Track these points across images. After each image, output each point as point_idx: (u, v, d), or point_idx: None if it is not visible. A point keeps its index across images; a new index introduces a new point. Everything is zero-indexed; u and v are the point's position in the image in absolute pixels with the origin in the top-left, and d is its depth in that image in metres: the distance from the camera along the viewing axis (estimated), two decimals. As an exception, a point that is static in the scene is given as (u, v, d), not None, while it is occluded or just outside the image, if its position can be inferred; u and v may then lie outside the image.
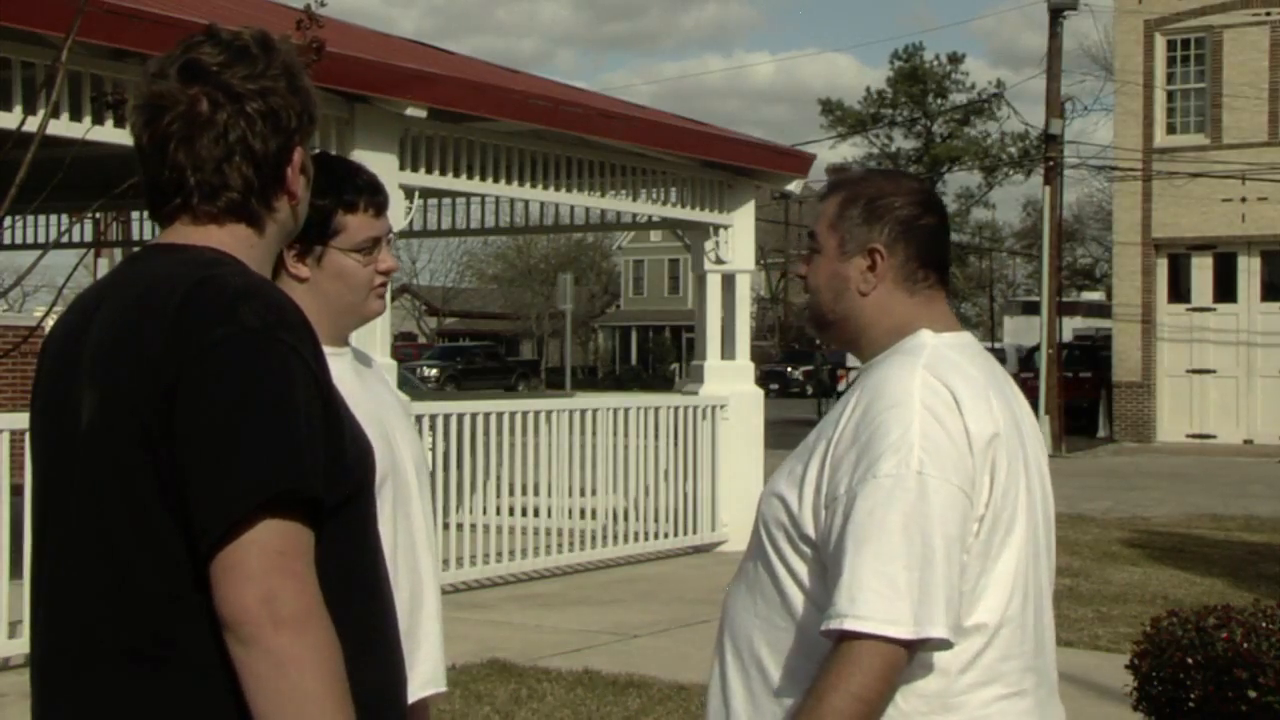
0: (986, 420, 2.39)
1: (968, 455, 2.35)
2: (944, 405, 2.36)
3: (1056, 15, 28.11)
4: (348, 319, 2.92)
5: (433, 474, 9.35)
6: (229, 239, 2.09)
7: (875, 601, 2.24)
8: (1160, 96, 28.58)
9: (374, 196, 2.90)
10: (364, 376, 3.00)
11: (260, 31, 2.16)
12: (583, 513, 12.16)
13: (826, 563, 2.34)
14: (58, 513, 2.05)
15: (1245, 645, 5.42)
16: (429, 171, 10.58)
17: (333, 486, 1.98)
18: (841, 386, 35.75)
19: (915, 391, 2.36)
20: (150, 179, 2.10)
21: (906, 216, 2.53)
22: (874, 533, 2.27)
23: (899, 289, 2.54)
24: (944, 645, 2.30)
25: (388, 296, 3.10)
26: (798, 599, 2.40)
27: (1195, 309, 28.44)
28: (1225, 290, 28.30)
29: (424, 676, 3.00)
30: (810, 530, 2.38)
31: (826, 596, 2.33)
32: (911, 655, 2.28)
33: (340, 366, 2.86)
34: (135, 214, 14.99)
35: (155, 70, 2.10)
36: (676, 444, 12.61)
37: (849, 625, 2.24)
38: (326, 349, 2.85)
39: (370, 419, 2.84)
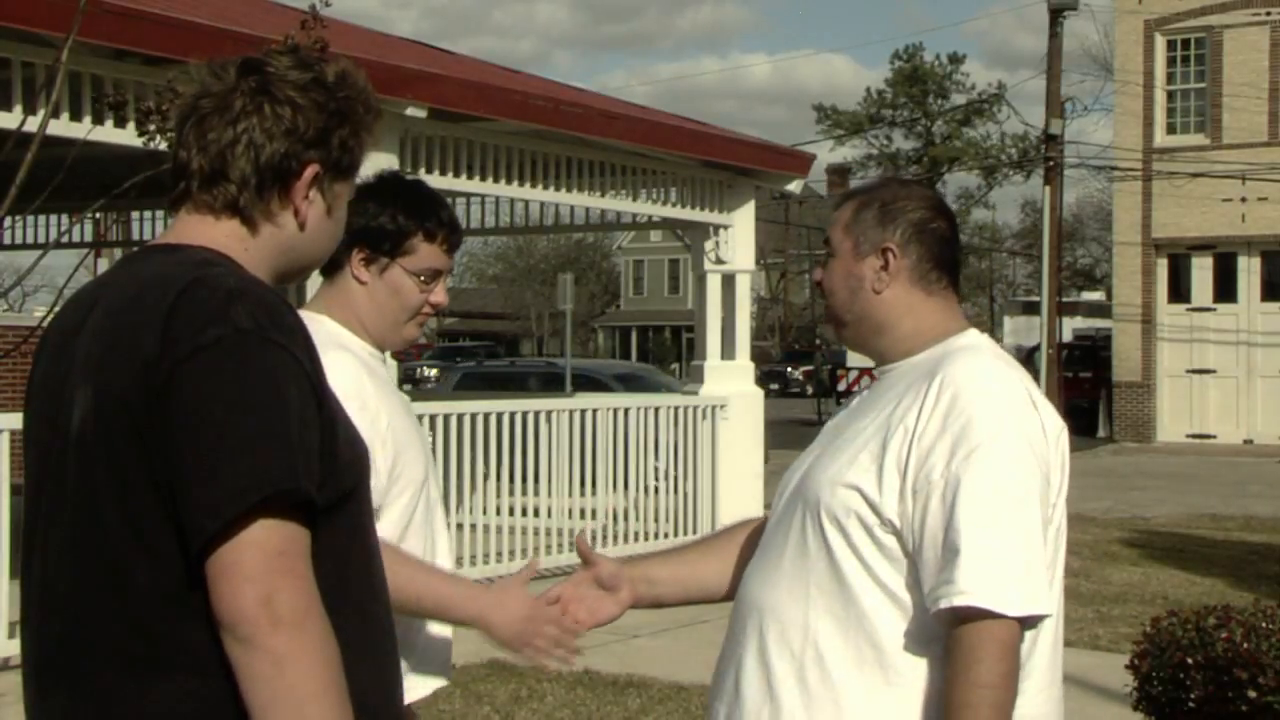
0: (1056, 416, 2.54)
1: (1046, 448, 2.48)
2: (1026, 400, 2.48)
3: (1056, 15, 28.10)
4: (388, 334, 3.03)
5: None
6: (222, 236, 2.09)
7: (989, 578, 2.33)
8: (1160, 96, 28.56)
9: (451, 234, 3.03)
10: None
11: (348, 67, 2.18)
12: (583, 513, 12.16)
13: (911, 549, 2.42)
14: (52, 513, 2.04)
15: (1245, 645, 5.42)
16: (429, 171, 10.57)
17: (327, 487, 1.98)
18: (841, 386, 35.69)
19: (1001, 383, 2.47)
20: (172, 158, 2.13)
21: (919, 219, 2.64)
22: (982, 513, 2.35)
23: (916, 288, 2.63)
24: (1037, 623, 2.41)
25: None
26: (865, 588, 2.45)
27: (1195, 309, 28.43)
28: (1225, 290, 28.29)
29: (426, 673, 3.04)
30: (894, 516, 2.44)
31: (903, 585, 2.43)
32: (1021, 634, 2.37)
33: (377, 367, 2.96)
34: (135, 214, 14.98)
35: (220, 62, 2.13)
36: (676, 444, 12.61)
37: (964, 601, 2.32)
38: (368, 349, 2.96)
39: (414, 421, 3.02)
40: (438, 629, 3.04)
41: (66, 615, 2.01)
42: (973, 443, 2.39)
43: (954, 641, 2.35)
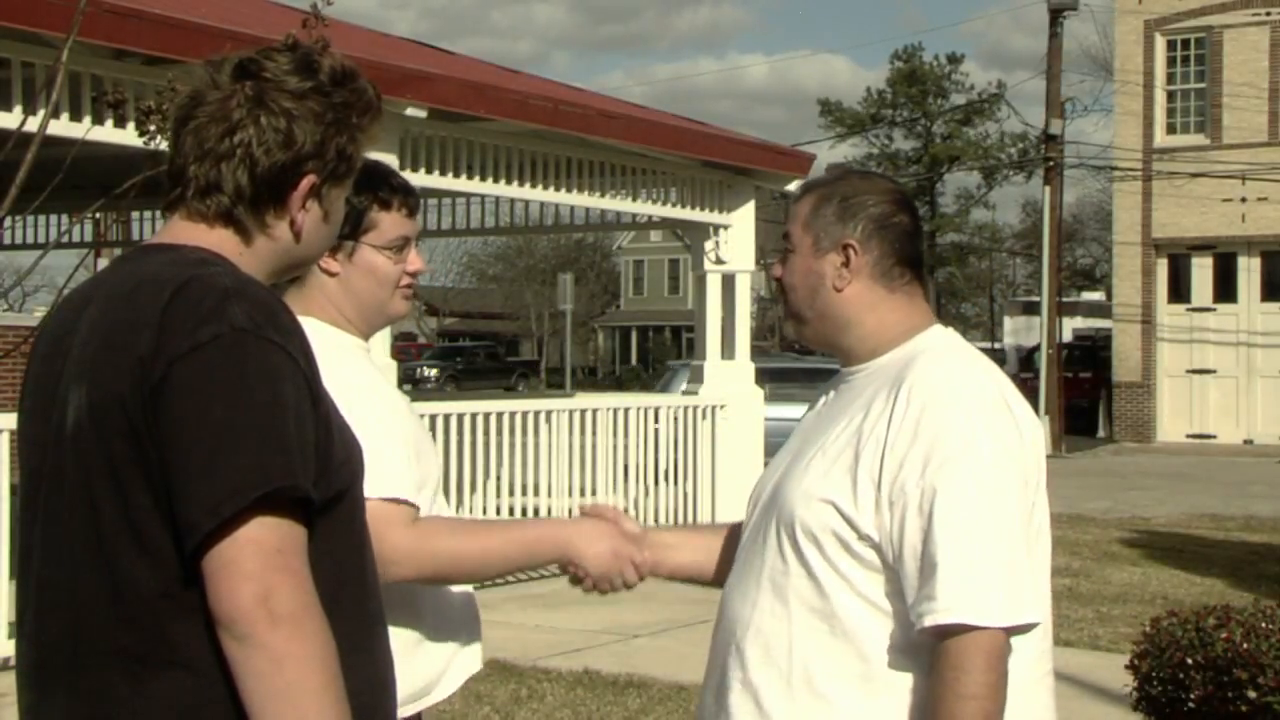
0: (1030, 414, 2.50)
1: (1022, 449, 2.43)
2: (1000, 399, 2.44)
3: (1056, 15, 28.11)
4: (375, 317, 2.96)
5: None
6: (217, 242, 2.09)
7: (970, 592, 2.29)
8: (1160, 96, 28.57)
9: (407, 197, 2.95)
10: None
11: (349, 65, 2.15)
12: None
13: (890, 560, 2.39)
14: (47, 512, 2.04)
15: (1245, 645, 5.42)
16: (429, 171, 10.58)
17: (321, 486, 1.98)
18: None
19: (971, 387, 2.43)
20: (169, 162, 2.12)
21: (879, 214, 2.58)
22: (961, 524, 2.32)
23: (877, 285, 2.57)
24: (1030, 629, 2.37)
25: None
26: (847, 602, 2.42)
27: (1195, 309, 28.44)
28: (1225, 290, 28.30)
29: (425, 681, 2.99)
30: (871, 530, 2.40)
31: (885, 595, 2.40)
32: (1008, 643, 2.34)
33: (368, 362, 2.90)
34: (135, 214, 14.99)
35: (216, 62, 2.11)
36: (676, 444, 12.61)
37: (949, 618, 2.29)
38: (357, 343, 2.91)
39: (418, 418, 2.95)
40: (468, 623, 3.00)
41: (64, 614, 2.01)
42: (946, 452, 2.35)
43: (939, 653, 2.31)
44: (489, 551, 2.83)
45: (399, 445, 2.74)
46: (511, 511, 11.78)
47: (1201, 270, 28.46)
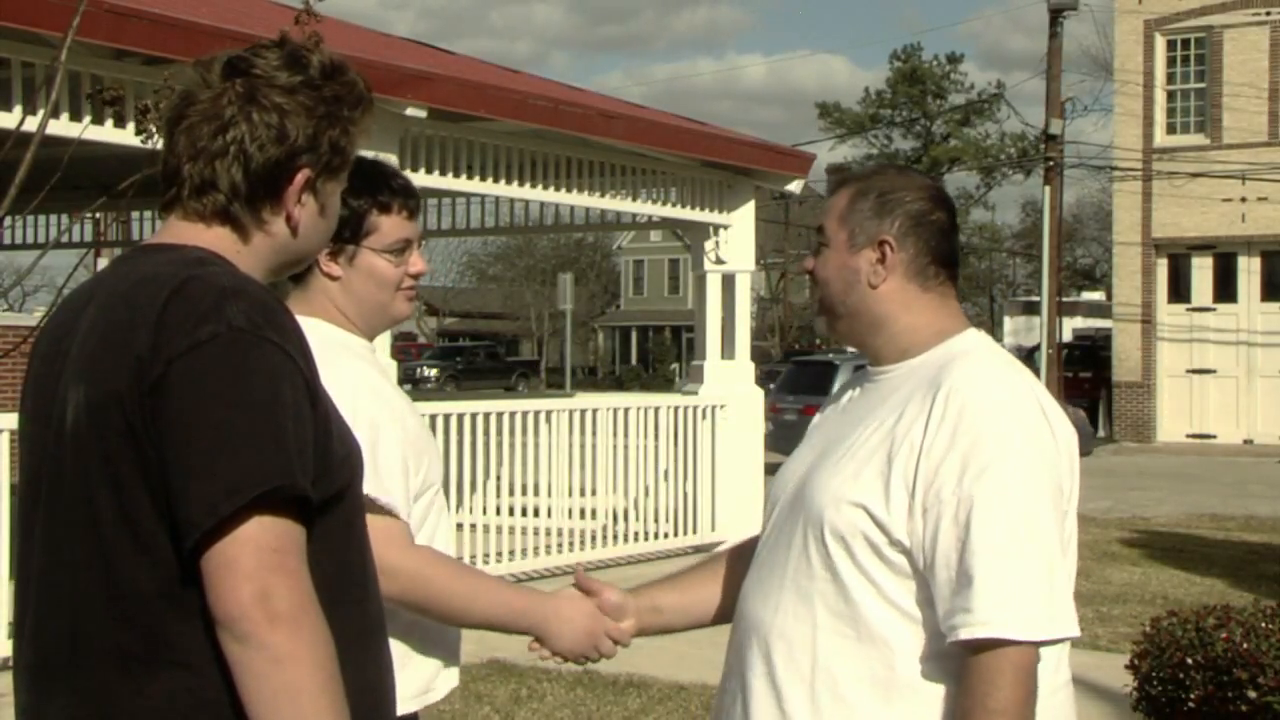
0: (1065, 421, 2.44)
1: (1058, 457, 2.38)
2: (1037, 408, 2.39)
3: (1056, 15, 28.11)
4: (378, 319, 2.94)
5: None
6: (215, 241, 2.09)
7: (1008, 606, 2.25)
8: (1160, 96, 28.57)
9: (408, 199, 2.92)
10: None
11: (337, 59, 2.15)
12: (583, 513, 12.16)
13: (922, 568, 2.34)
14: (46, 512, 2.04)
15: (1245, 645, 5.42)
16: (429, 171, 10.58)
17: (320, 485, 1.97)
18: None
19: (1009, 393, 2.37)
20: (163, 163, 2.12)
21: (917, 211, 2.52)
22: (998, 536, 2.27)
23: (911, 283, 2.51)
24: (1064, 641, 2.33)
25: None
26: (874, 607, 2.38)
27: (1195, 309, 28.44)
28: (1225, 290, 28.30)
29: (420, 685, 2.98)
30: (903, 535, 2.35)
31: (913, 602, 2.35)
32: (1038, 656, 2.30)
33: (371, 363, 2.89)
34: (135, 214, 14.98)
35: (206, 61, 2.11)
36: (676, 444, 12.61)
37: (986, 633, 2.24)
38: (361, 343, 2.90)
39: (421, 420, 2.93)
40: (454, 632, 2.99)
41: (63, 614, 2.00)
42: (984, 459, 2.29)
43: (969, 667, 2.27)
44: (477, 600, 2.81)
45: (394, 454, 2.72)
46: (512, 511, 11.78)
47: (1201, 270, 28.47)
